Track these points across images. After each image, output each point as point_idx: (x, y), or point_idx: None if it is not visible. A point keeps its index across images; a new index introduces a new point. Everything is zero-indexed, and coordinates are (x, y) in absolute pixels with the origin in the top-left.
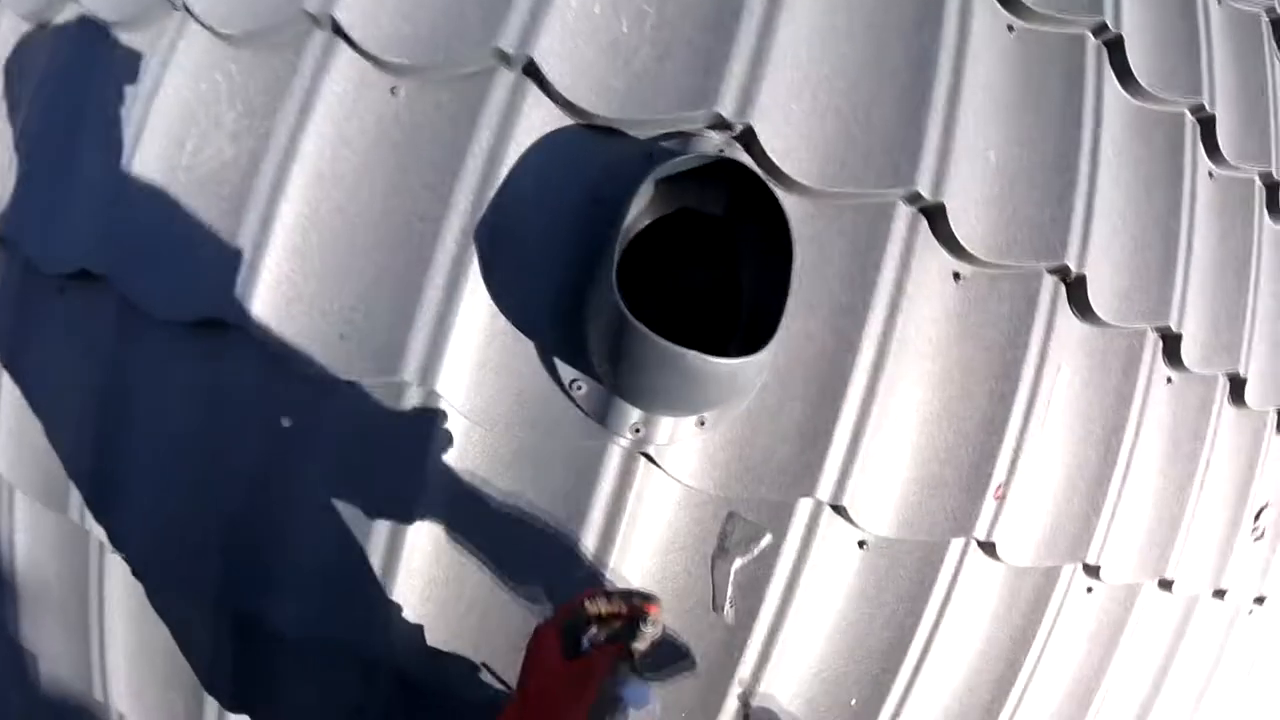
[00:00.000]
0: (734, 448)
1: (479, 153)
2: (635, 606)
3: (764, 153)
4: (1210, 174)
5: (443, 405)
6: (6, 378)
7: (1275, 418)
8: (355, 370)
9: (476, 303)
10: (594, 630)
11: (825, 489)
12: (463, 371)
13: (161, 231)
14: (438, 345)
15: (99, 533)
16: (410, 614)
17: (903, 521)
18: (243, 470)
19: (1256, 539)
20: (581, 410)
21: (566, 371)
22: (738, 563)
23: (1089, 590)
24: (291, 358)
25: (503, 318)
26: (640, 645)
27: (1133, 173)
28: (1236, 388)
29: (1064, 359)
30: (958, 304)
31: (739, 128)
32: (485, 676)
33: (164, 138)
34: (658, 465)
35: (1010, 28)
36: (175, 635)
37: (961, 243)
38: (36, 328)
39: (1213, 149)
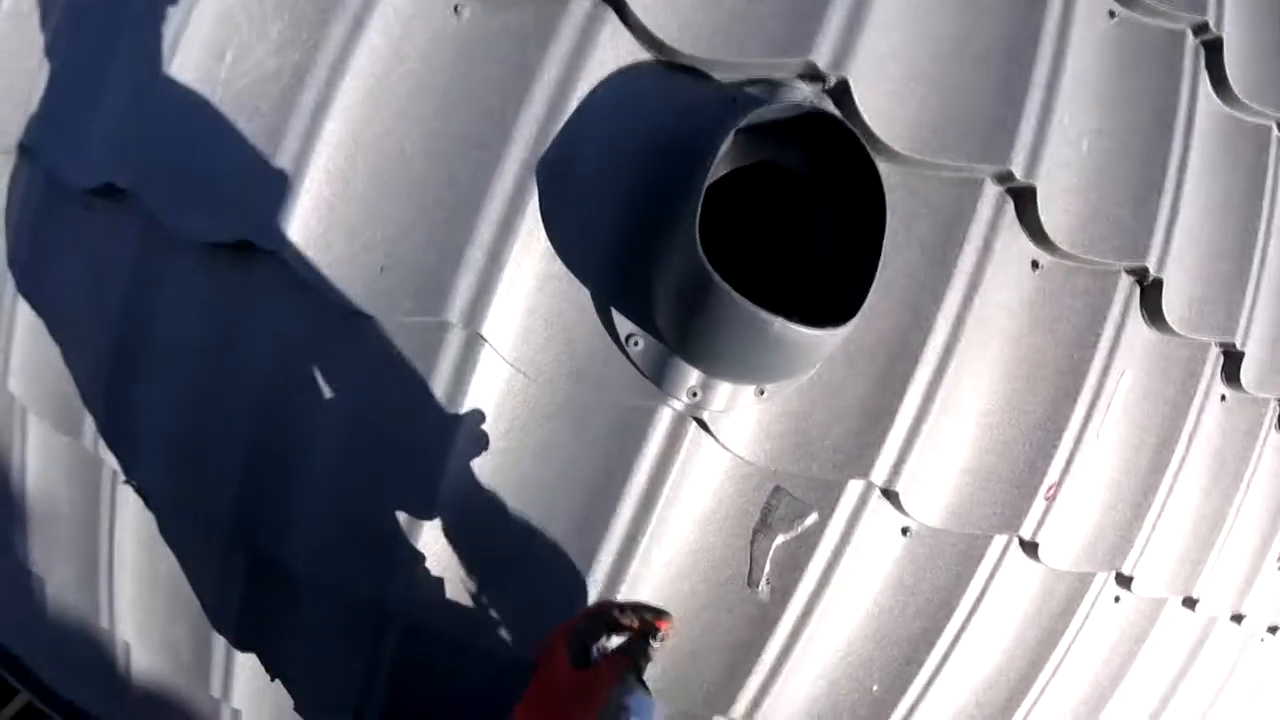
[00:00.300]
0: (790, 420)
1: (547, 82)
2: (647, 621)
3: (856, 111)
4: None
5: (485, 350)
6: (24, 297)
7: None
8: (395, 307)
9: (532, 244)
10: (604, 640)
11: (880, 472)
12: (510, 316)
13: (194, 147)
14: (486, 286)
15: (112, 460)
16: (432, 565)
17: (951, 512)
18: (264, 405)
19: None
20: (636, 367)
21: (624, 325)
22: (779, 539)
23: (1117, 600)
24: (326, 289)
25: (559, 261)
26: (649, 659)
27: (1215, 181)
28: None
29: (1129, 363)
30: (1033, 293)
31: (832, 81)
32: (504, 634)
33: (202, 48)
34: (710, 433)
35: (1112, 14)
36: (185, 568)
37: (1046, 230)
38: (56, 245)
39: None
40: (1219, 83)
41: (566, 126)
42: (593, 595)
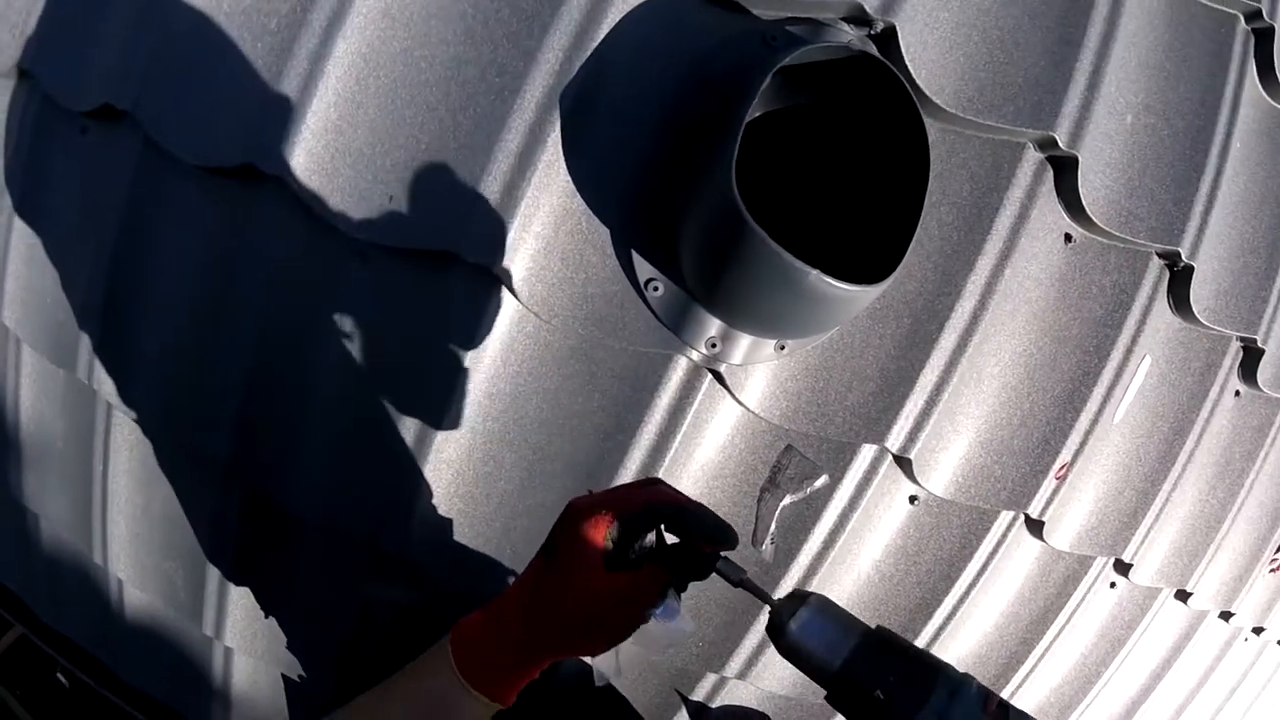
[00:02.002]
0: (808, 379)
1: (576, 5)
2: (715, 545)
3: (901, 59)
4: None
5: (497, 288)
6: (18, 223)
7: None
8: (405, 237)
9: (552, 177)
10: (651, 540)
11: (896, 439)
12: (525, 253)
13: (196, 67)
14: (501, 220)
15: (107, 392)
16: (431, 508)
17: (961, 485)
18: (265, 337)
19: (1273, 570)
20: (654, 314)
21: (644, 268)
22: (787, 500)
23: (1112, 585)
24: (332, 217)
25: (579, 198)
26: (698, 578)
27: (1253, 173)
28: None
29: (1150, 349)
30: (1064, 268)
31: (879, 26)
32: (503, 581)
33: None
34: (726, 387)
35: None
36: (180, 502)
37: (1084, 203)
38: (53, 169)
39: None
40: (1266, 72)
41: (594, 56)
42: None
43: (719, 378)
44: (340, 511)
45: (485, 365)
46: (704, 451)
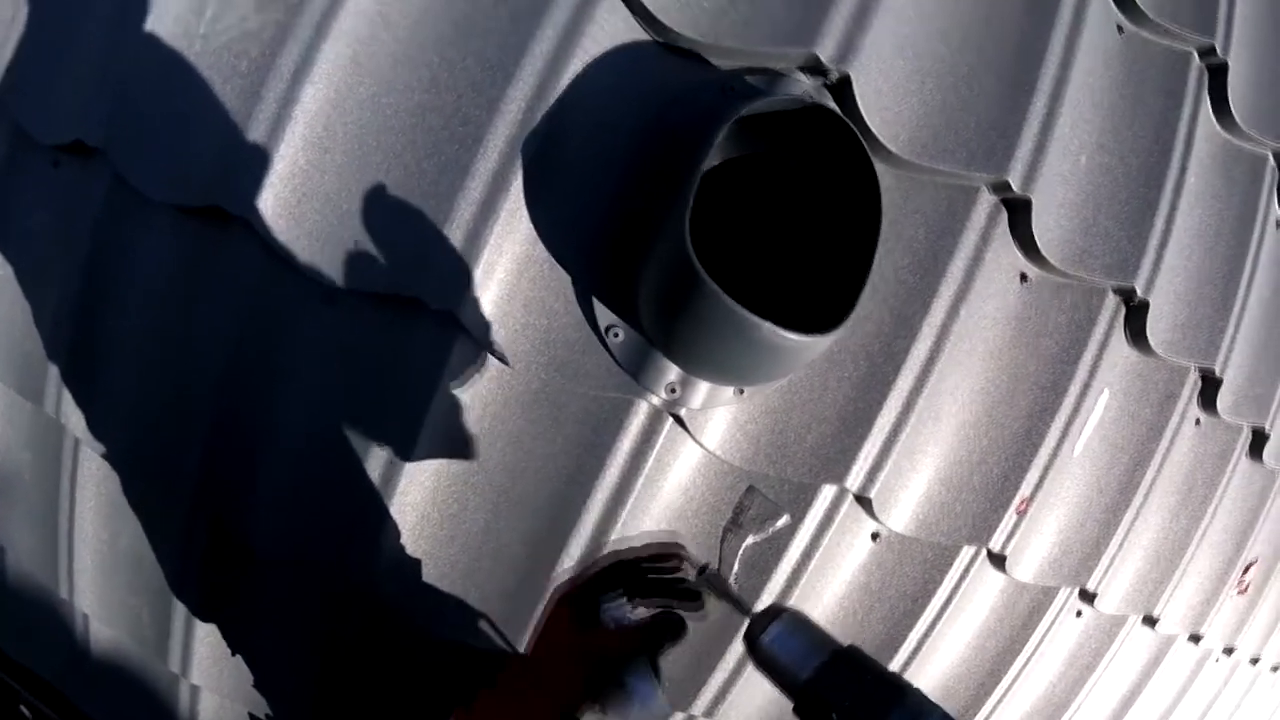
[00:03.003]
0: (768, 420)
1: (539, 55)
2: (676, 611)
3: (856, 108)
4: (1278, 224)
5: (460, 333)
6: None
7: None
8: (369, 281)
9: (514, 224)
10: (623, 606)
11: (855, 478)
12: (488, 299)
13: (168, 105)
14: (464, 266)
15: (74, 425)
16: (395, 547)
17: (922, 521)
18: (231, 374)
19: (1240, 592)
20: (615, 360)
21: (604, 315)
22: (750, 540)
23: (1078, 614)
24: (297, 260)
25: (541, 245)
26: (673, 643)
27: (1208, 206)
28: (1258, 442)
29: (1108, 382)
30: (1019, 307)
31: (834, 75)
32: (465, 621)
33: (182, 1)
34: (687, 430)
35: (1120, 29)
36: (147, 537)
37: (1038, 244)
38: (22, 201)
39: None
40: (1220, 108)
41: (556, 104)
42: (558, 584)
43: (680, 421)
44: (305, 550)
45: (449, 408)
46: (667, 493)
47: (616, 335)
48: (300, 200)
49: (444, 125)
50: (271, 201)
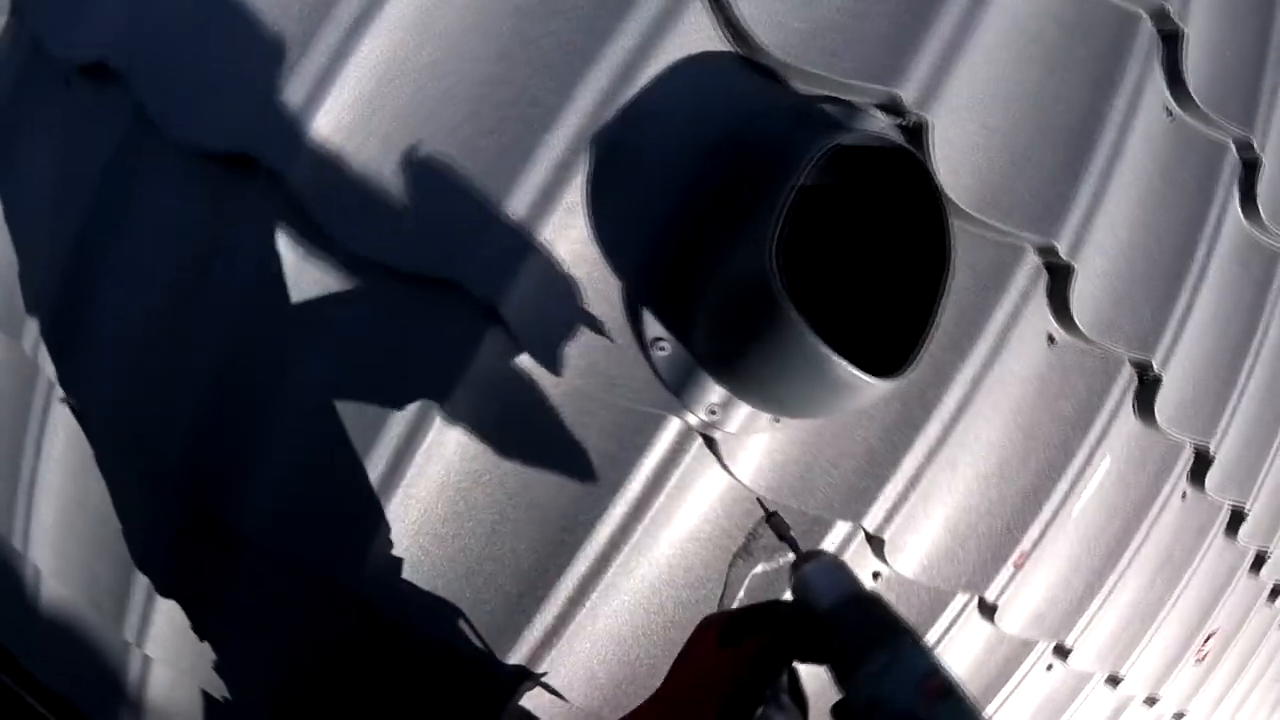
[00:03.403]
0: (795, 452)
1: (620, 51)
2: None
3: (929, 155)
4: (1277, 309)
5: (494, 325)
6: None
7: (1253, 557)
8: (405, 258)
9: (571, 220)
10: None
11: (873, 519)
12: (530, 292)
13: (206, 39)
14: (511, 256)
15: (51, 371)
16: (398, 547)
17: (925, 566)
18: (236, 341)
19: (1198, 660)
20: (656, 373)
21: (653, 327)
22: (759, 568)
23: (1049, 668)
24: (329, 224)
25: (595, 246)
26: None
27: (1224, 293)
28: (1235, 521)
29: (1112, 449)
30: (1043, 368)
31: (911, 119)
32: (462, 626)
33: None
34: (717, 454)
35: (1169, 112)
36: (116, 500)
37: (1071, 309)
38: (29, 120)
39: None
40: (1248, 202)
41: (631, 102)
42: (562, 597)
43: (711, 444)
44: (293, 536)
45: (471, 402)
46: (683, 514)
47: (663, 349)
48: (339, 161)
49: (511, 102)
50: (307, 158)
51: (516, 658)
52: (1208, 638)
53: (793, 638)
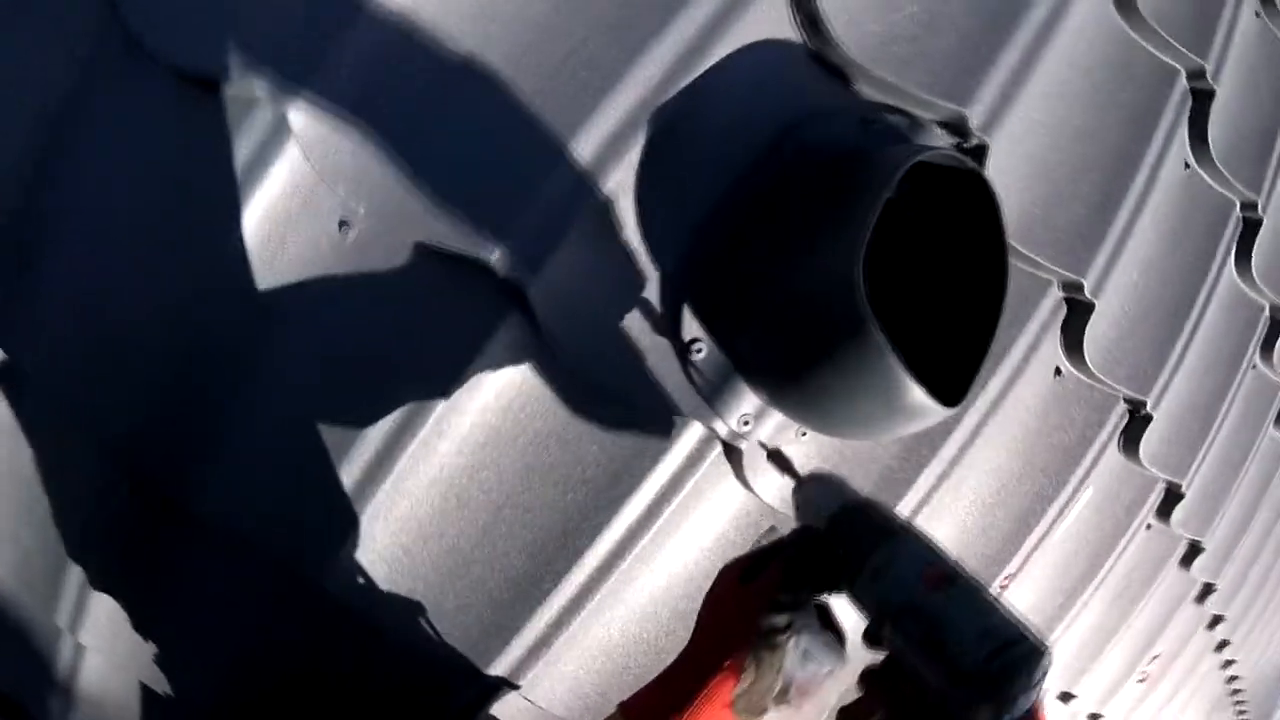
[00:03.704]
0: (813, 467)
1: (691, 22)
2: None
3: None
4: (1255, 365)
5: (516, 310)
6: None
7: (1201, 588)
8: (425, 228)
9: (619, 198)
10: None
11: None
12: (561, 276)
13: None
14: (545, 235)
15: None
16: (372, 542)
17: None
18: (211, 299)
19: (1140, 681)
20: (688, 376)
21: (691, 327)
22: None
23: None
24: (339, 176)
25: (637, 233)
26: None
27: (1211, 342)
28: (1191, 554)
29: (1094, 480)
30: (1048, 398)
31: (973, 141)
32: (441, 631)
33: None
34: (738, 466)
35: (1187, 165)
36: (46, 469)
37: (1083, 344)
38: None
39: (1269, 348)
40: (1243, 258)
41: (698, 81)
42: (555, 606)
43: (733, 455)
44: (256, 524)
45: (476, 391)
46: (691, 524)
47: (699, 351)
48: (355, 105)
49: (563, 61)
50: (315, 97)
51: (499, 668)
52: (1152, 659)
53: (804, 557)
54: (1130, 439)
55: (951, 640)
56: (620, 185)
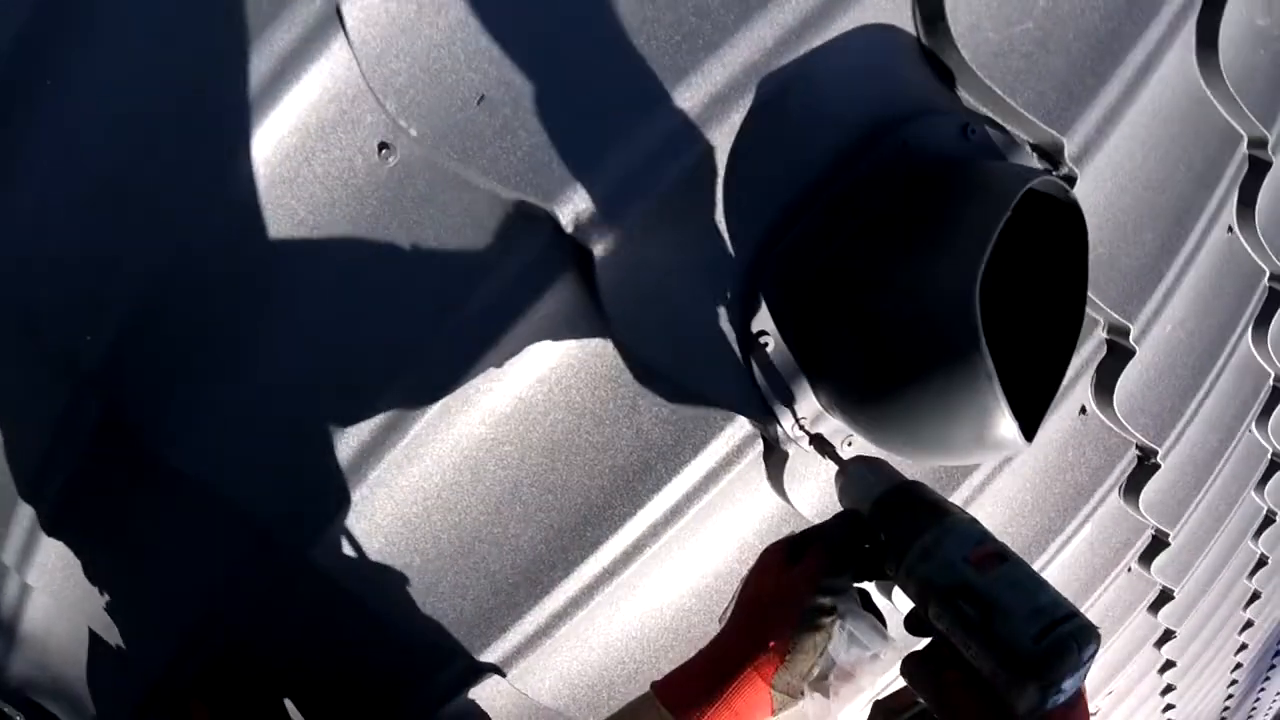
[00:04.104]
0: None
1: (802, 3)
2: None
3: None
4: (1251, 429)
5: (569, 268)
6: None
7: (1162, 633)
8: (478, 161)
9: (705, 173)
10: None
11: None
12: (635, 240)
13: None
14: (631, 189)
15: None
16: (370, 512)
17: None
18: (219, 213)
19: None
20: (749, 369)
21: (762, 318)
22: None
23: None
24: (391, 90)
25: (721, 209)
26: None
27: (1220, 404)
28: (1161, 600)
29: (1094, 519)
30: (1069, 435)
31: (1064, 169)
32: (432, 610)
33: None
34: (777, 470)
35: (1230, 229)
36: (6, 396)
37: (1114, 389)
38: None
39: (1266, 415)
40: (1260, 326)
41: (813, 53)
42: (563, 596)
43: (772, 456)
44: (243, 482)
45: (511, 356)
46: (716, 522)
47: (766, 344)
48: (418, 15)
49: (668, 5)
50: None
51: (493, 655)
52: (1106, 694)
53: (850, 541)
54: (1133, 485)
55: (1000, 619)
56: (715, 152)
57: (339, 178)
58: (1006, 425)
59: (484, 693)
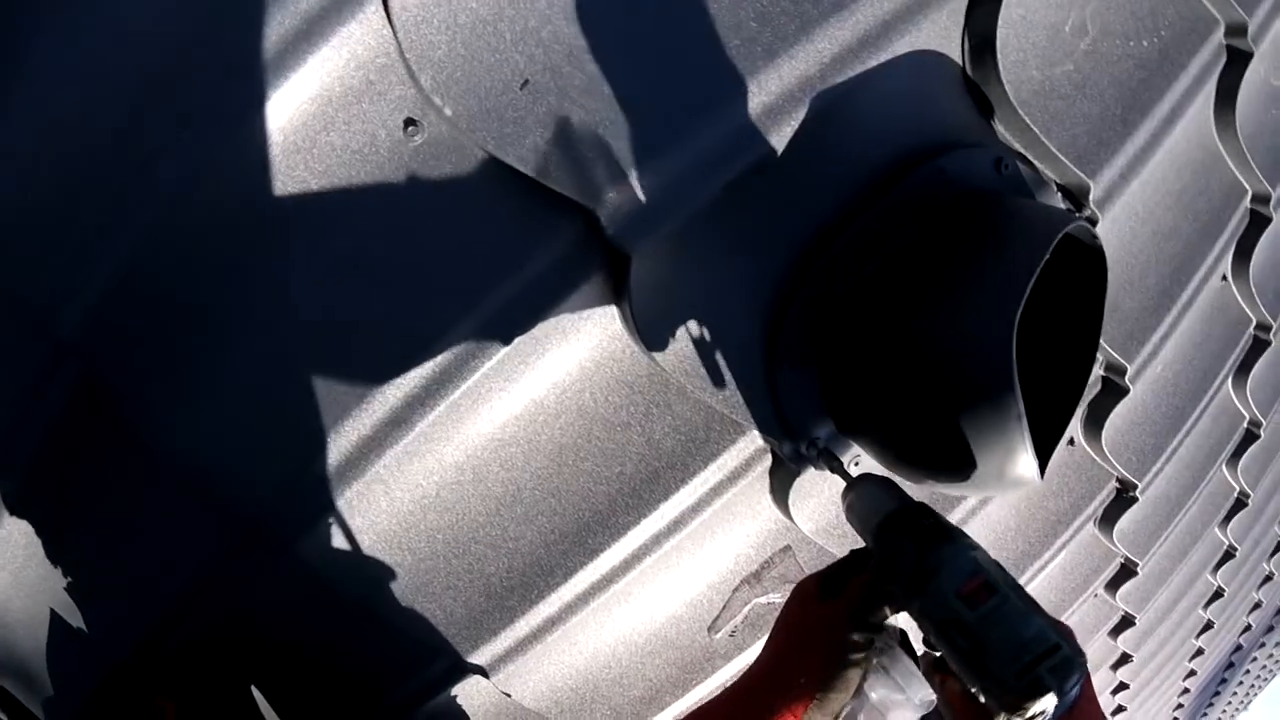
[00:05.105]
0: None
1: (876, 7)
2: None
3: None
4: (1222, 469)
5: (597, 271)
6: None
7: (1119, 656)
8: (514, 148)
9: (749, 181)
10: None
11: None
12: (674, 247)
13: None
14: (680, 194)
15: None
16: (364, 508)
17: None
18: (221, 179)
19: None
20: (769, 387)
21: (789, 335)
22: (766, 598)
23: None
24: (426, 62)
25: (758, 223)
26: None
27: (1198, 443)
28: (1121, 625)
29: (1069, 546)
30: (1055, 465)
31: (1087, 213)
32: (420, 610)
33: None
34: (783, 489)
35: (1224, 278)
36: None
37: (1104, 423)
38: None
39: (1237, 457)
40: (1241, 374)
41: (870, 72)
42: (558, 602)
43: (778, 477)
44: (230, 467)
45: (528, 355)
46: (717, 534)
47: (790, 362)
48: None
49: (731, 10)
50: None
51: (481, 658)
52: None
53: (886, 576)
54: (1109, 516)
55: (986, 655)
56: (762, 164)
57: (358, 151)
58: (1026, 463)
59: (465, 691)
